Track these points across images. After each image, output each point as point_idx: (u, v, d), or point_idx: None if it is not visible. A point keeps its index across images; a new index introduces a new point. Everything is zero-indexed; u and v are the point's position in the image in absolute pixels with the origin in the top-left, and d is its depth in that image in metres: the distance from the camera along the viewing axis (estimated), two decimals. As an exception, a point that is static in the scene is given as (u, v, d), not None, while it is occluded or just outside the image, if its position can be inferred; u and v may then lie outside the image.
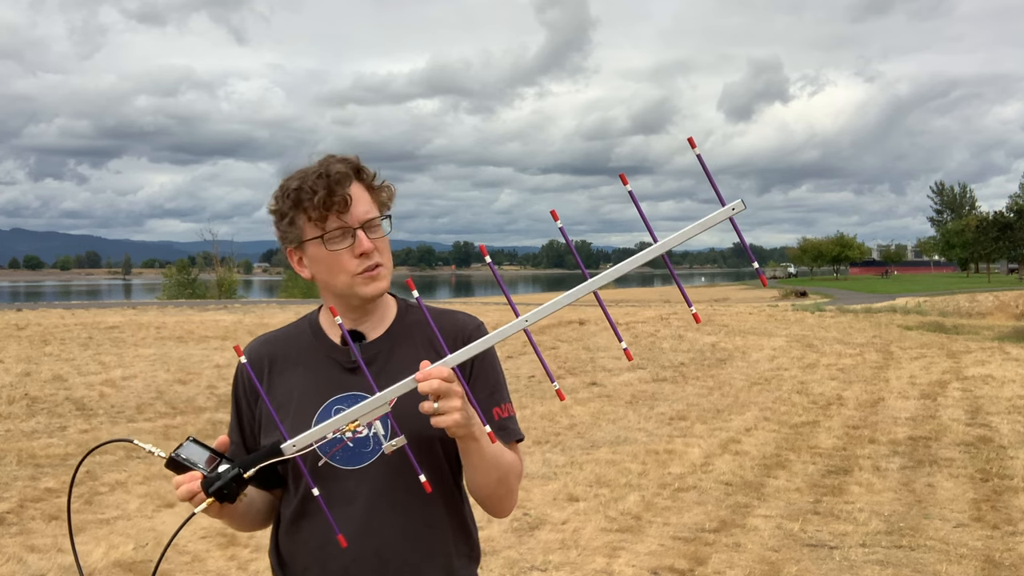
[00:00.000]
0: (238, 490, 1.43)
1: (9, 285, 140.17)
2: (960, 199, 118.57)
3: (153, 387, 11.26)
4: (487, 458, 1.50)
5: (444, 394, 1.36)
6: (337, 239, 1.55)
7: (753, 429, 8.43)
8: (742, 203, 1.28)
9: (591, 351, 15.13)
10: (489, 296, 62.99)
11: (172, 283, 52.35)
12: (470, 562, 1.66)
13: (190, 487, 1.42)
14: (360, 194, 1.56)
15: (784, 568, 4.69)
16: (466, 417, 1.39)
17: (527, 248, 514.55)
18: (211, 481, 1.42)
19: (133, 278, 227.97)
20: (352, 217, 1.54)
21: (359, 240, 1.54)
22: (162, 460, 1.48)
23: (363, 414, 1.41)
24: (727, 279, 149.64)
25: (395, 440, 1.40)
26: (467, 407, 1.41)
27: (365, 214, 1.56)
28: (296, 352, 1.67)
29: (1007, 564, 4.71)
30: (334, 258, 1.56)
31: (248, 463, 1.45)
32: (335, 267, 1.57)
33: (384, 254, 1.59)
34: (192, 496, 1.43)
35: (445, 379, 1.36)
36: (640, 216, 1.36)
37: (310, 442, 1.43)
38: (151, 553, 4.98)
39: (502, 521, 5.36)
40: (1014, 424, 8.43)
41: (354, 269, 1.56)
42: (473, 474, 1.55)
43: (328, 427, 1.42)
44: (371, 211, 1.57)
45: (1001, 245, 78.01)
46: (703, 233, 1.33)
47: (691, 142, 1.29)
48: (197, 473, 1.44)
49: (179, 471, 1.46)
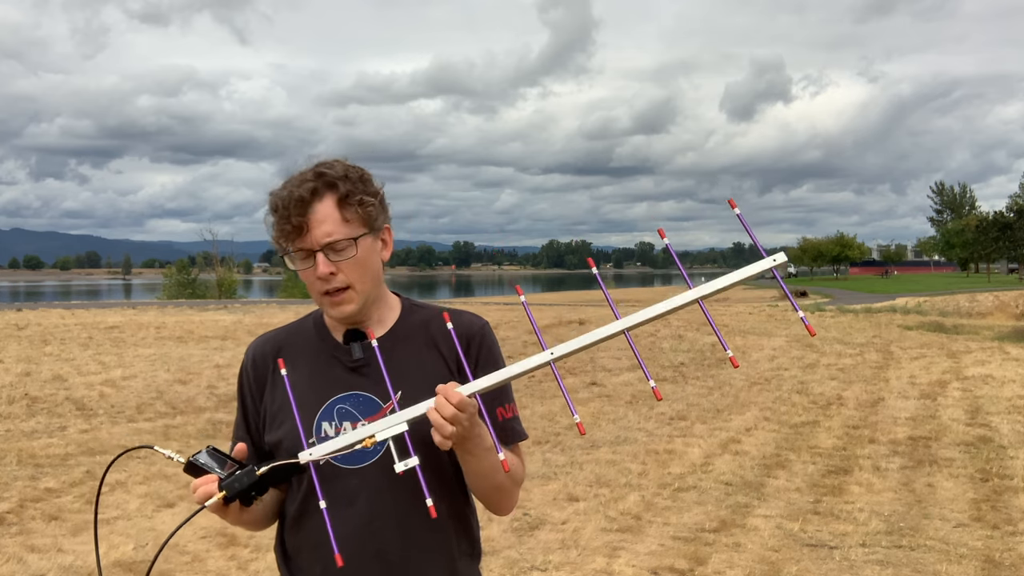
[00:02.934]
0: (251, 489, 1.46)
1: (9, 285, 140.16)
2: (960, 199, 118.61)
3: (153, 387, 11.26)
4: (485, 467, 1.51)
5: (453, 421, 1.37)
6: (300, 259, 1.54)
7: (753, 429, 8.43)
8: (784, 255, 1.29)
9: (591, 351, 15.13)
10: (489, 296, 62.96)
11: (172, 283, 52.36)
12: (472, 560, 1.67)
13: (207, 489, 1.44)
14: (328, 213, 1.51)
15: (784, 568, 4.69)
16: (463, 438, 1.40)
17: (527, 248, 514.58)
18: (227, 483, 1.45)
19: (133, 278, 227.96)
20: (312, 239, 1.51)
21: (316, 264, 1.52)
22: (169, 461, 1.50)
23: (381, 429, 1.42)
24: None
25: (408, 461, 1.41)
26: (477, 425, 1.42)
27: (326, 236, 1.50)
28: (299, 350, 1.67)
29: (1007, 564, 4.71)
30: (304, 275, 1.56)
31: (263, 466, 1.47)
32: (307, 283, 1.57)
33: (354, 274, 1.54)
34: (209, 498, 1.44)
35: (457, 406, 1.36)
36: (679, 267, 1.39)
37: (326, 452, 1.45)
38: (151, 553, 4.98)
39: (502, 521, 5.36)
40: (1014, 424, 8.43)
41: (319, 289, 1.55)
42: (470, 479, 1.56)
43: (345, 440, 1.43)
44: (336, 231, 1.51)
45: (1001, 245, 78.01)
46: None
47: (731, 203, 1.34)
48: (214, 476, 1.46)
49: (197, 475, 1.48)
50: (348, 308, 1.56)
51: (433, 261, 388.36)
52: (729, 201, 1.34)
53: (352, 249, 1.52)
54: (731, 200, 1.33)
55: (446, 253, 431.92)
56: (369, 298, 1.59)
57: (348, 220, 1.52)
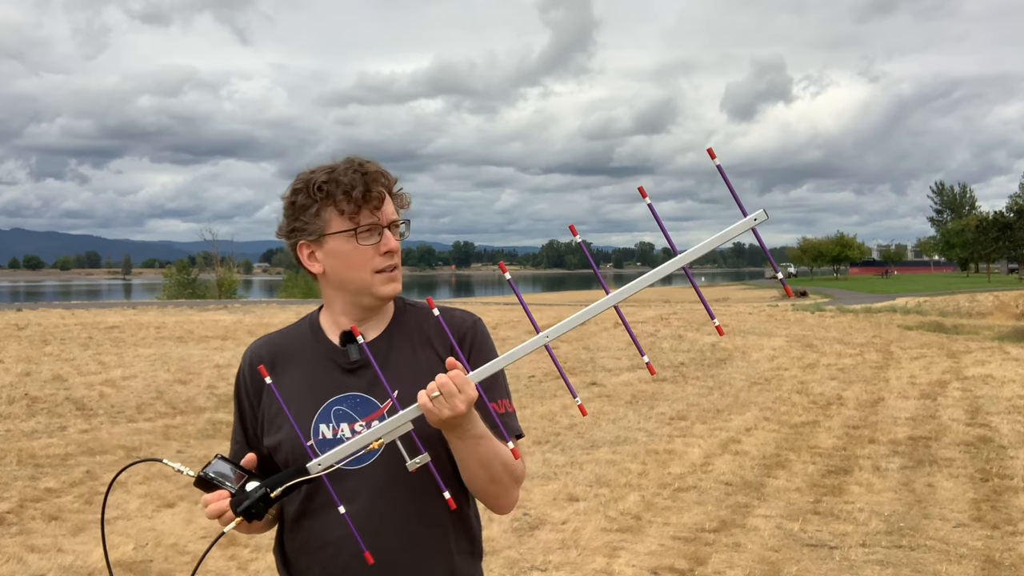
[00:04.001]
0: (265, 509, 1.46)
1: (9, 285, 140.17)
2: (960, 199, 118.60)
3: (153, 387, 11.27)
4: (478, 455, 1.52)
5: (448, 394, 1.39)
6: (366, 235, 1.57)
7: (753, 429, 8.43)
8: (764, 213, 1.28)
9: (591, 351, 15.13)
10: (489, 296, 62.96)
11: (172, 283, 52.41)
12: (472, 558, 1.67)
13: (218, 506, 1.46)
14: (386, 195, 1.60)
15: (784, 568, 4.69)
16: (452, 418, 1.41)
17: (527, 248, 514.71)
18: (239, 500, 1.45)
19: (133, 278, 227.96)
20: (383, 215, 1.58)
21: (386, 238, 1.57)
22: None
23: (387, 431, 1.43)
24: (727, 279, 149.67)
25: (419, 458, 1.42)
26: (471, 412, 1.44)
27: (393, 214, 1.60)
28: (296, 353, 1.68)
29: (1007, 564, 4.71)
30: (359, 253, 1.57)
31: (275, 483, 1.47)
32: (356, 263, 1.57)
33: (400, 255, 1.62)
34: (221, 515, 1.46)
35: (457, 384, 1.40)
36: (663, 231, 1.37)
37: (335, 460, 1.46)
38: (151, 553, 4.98)
39: (502, 521, 5.36)
40: (1014, 424, 8.43)
41: (377, 266, 1.58)
42: (465, 472, 1.57)
43: (354, 445, 1.44)
44: (395, 213, 1.61)
45: (1001, 245, 77.98)
46: (703, 233, 1.34)
47: (711, 153, 1.31)
48: (225, 492, 1.47)
49: (208, 489, 1.49)
50: (398, 286, 1.62)
51: (433, 261, 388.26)
52: (708, 151, 1.31)
53: (407, 231, 1.64)
54: (710, 149, 1.31)
55: (446, 253, 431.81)
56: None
57: (396, 207, 1.63)
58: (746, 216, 1.29)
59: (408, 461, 1.42)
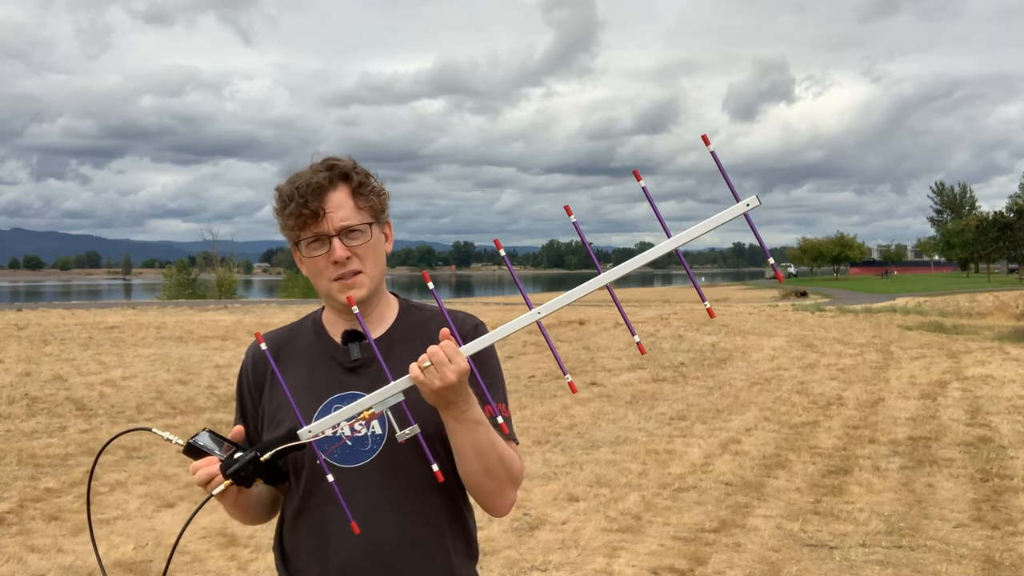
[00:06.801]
0: (255, 474, 1.47)
1: (9, 285, 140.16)
2: (960, 199, 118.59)
3: (153, 387, 11.27)
4: (471, 443, 1.51)
5: (438, 363, 1.39)
6: (314, 245, 1.59)
7: (753, 429, 8.43)
8: (756, 199, 1.29)
9: (591, 351, 15.13)
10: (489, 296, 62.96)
11: (172, 283, 52.43)
12: (469, 559, 1.67)
13: (208, 470, 1.47)
14: (342, 200, 1.58)
15: (784, 568, 4.69)
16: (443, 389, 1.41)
17: (527, 248, 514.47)
18: (228, 464, 1.46)
19: (133, 278, 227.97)
20: (328, 224, 1.57)
21: (333, 248, 1.57)
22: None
23: (378, 401, 1.43)
24: (727, 279, 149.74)
25: (408, 429, 1.42)
26: (464, 387, 1.44)
27: (342, 221, 1.57)
28: (298, 350, 1.69)
29: (1007, 564, 4.71)
30: (312, 263, 1.60)
31: (264, 447, 1.48)
32: (314, 272, 1.62)
33: (367, 260, 1.60)
34: (210, 480, 1.47)
35: (448, 354, 1.40)
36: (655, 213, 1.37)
37: (325, 428, 1.47)
38: (151, 553, 4.98)
39: (502, 521, 5.36)
40: (1014, 424, 8.43)
41: (330, 275, 1.59)
42: (460, 461, 1.56)
43: (344, 414, 1.45)
44: (351, 218, 1.58)
45: (1001, 245, 77.98)
46: (706, 232, 1.34)
47: (705, 139, 1.30)
48: (214, 458, 1.48)
49: (196, 457, 1.50)
50: (359, 292, 1.60)
51: (433, 261, 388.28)
52: (703, 137, 1.31)
53: (367, 234, 1.60)
54: (704, 136, 1.30)
55: (446, 253, 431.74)
56: (376, 286, 1.64)
57: (361, 208, 1.60)
58: (739, 201, 1.30)
59: (398, 432, 1.43)
